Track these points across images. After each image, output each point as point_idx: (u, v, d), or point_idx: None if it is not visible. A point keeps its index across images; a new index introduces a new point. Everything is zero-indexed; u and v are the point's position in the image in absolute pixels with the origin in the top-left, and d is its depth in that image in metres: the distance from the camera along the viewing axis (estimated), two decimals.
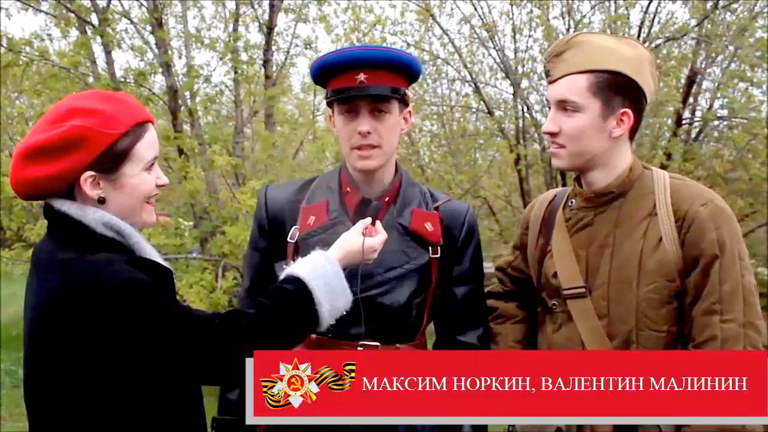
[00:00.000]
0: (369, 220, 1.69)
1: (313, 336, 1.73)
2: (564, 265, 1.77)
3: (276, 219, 1.92)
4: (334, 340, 1.80)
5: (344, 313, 1.57)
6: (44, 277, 1.38)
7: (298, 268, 1.53)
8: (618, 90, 1.67)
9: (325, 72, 1.83)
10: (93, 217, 1.39)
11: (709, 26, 6.24)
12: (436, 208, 1.92)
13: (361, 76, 1.76)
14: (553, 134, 1.72)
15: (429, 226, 1.88)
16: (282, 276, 1.54)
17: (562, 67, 1.70)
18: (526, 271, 1.97)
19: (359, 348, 1.81)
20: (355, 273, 1.69)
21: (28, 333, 1.41)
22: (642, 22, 6.35)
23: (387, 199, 1.88)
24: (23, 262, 5.05)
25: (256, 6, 6.00)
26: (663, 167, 4.15)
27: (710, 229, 1.62)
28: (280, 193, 1.97)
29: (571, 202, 1.83)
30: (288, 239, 1.87)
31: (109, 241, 1.40)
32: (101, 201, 1.40)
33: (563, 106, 1.69)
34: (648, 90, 1.72)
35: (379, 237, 1.68)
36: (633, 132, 1.74)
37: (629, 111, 1.69)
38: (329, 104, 1.88)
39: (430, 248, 1.88)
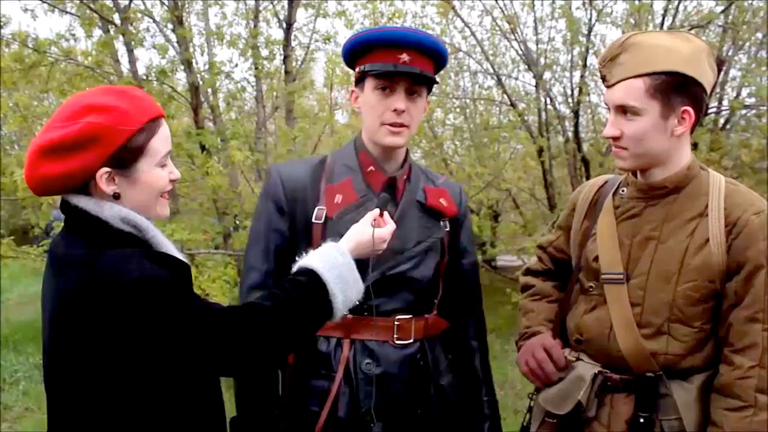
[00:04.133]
0: (377, 211, 1.72)
1: (350, 316, 1.78)
2: (606, 250, 1.79)
3: (296, 198, 1.90)
4: (370, 318, 1.85)
5: (356, 303, 1.59)
6: (63, 273, 1.39)
7: (311, 260, 1.54)
8: (677, 89, 1.65)
9: (366, 47, 1.85)
10: (110, 212, 1.40)
11: (735, 13, 6.12)
12: (441, 185, 2.02)
13: (404, 56, 1.81)
14: (615, 138, 1.72)
15: (444, 202, 1.97)
16: (295, 268, 1.55)
17: (618, 72, 1.68)
18: (566, 251, 2.01)
19: (396, 323, 1.87)
20: (367, 261, 1.72)
21: (48, 328, 1.42)
22: (665, 11, 6.24)
23: (405, 177, 1.95)
24: None
25: (275, 2, 6.03)
26: None
27: (759, 239, 1.63)
28: (294, 172, 1.94)
29: (623, 191, 1.84)
30: (313, 220, 1.87)
31: (126, 235, 1.41)
32: (116, 196, 1.41)
33: (623, 110, 1.69)
34: (707, 82, 1.70)
35: (388, 227, 1.71)
36: (693, 127, 1.73)
37: (689, 109, 1.67)
38: (360, 79, 1.89)
39: (442, 222, 1.97)
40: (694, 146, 6.12)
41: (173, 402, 1.42)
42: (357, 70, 1.90)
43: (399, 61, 1.80)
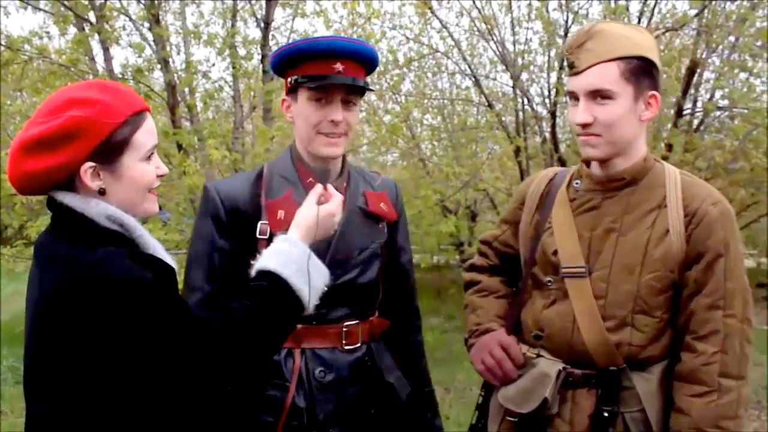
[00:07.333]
0: (320, 187, 1.72)
1: (299, 326, 1.76)
2: (566, 244, 1.79)
3: (237, 215, 1.85)
4: (319, 326, 1.86)
5: (326, 289, 1.58)
6: (47, 271, 1.37)
7: (265, 261, 1.52)
8: (646, 74, 1.70)
9: (298, 57, 1.82)
10: (96, 210, 1.38)
11: (709, 16, 6.21)
12: (379, 187, 2.02)
13: (339, 66, 1.79)
14: (586, 125, 1.72)
15: (384, 206, 1.99)
16: (252, 273, 1.52)
17: (589, 57, 1.70)
18: (514, 245, 1.99)
19: (344, 329, 1.88)
20: (329, 242, 1.76)
21: (30, 327, 1.40)
22: (641, 13, 6.32)
23: (345, 184, 1.94)
24: (25, 259, 5.04)
25: (253, 1, 5.99)
26: (664, 159, 4.17)
27: (718, 228, 1.67)
28: (232, 188, 1.89)
29: (577, 183, 1.84)
30: (258, 235, 1.83)
31: (112, 234, 1.38)
32: (102, 192, 1.39)
33: (596, 95, 1.70)
34: (660, 73, 1.76)
35: (334, 201, 1.70)
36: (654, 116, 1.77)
37: (656, 93, 1.73)
38: (292, 89, 1.86)
39: (381, 225, 1.98)
40: (669, 147, 6.21)
41: (154, 404, 1.40)
42: (289, 80, 1.86)
43: (333, 71, 1.78)
